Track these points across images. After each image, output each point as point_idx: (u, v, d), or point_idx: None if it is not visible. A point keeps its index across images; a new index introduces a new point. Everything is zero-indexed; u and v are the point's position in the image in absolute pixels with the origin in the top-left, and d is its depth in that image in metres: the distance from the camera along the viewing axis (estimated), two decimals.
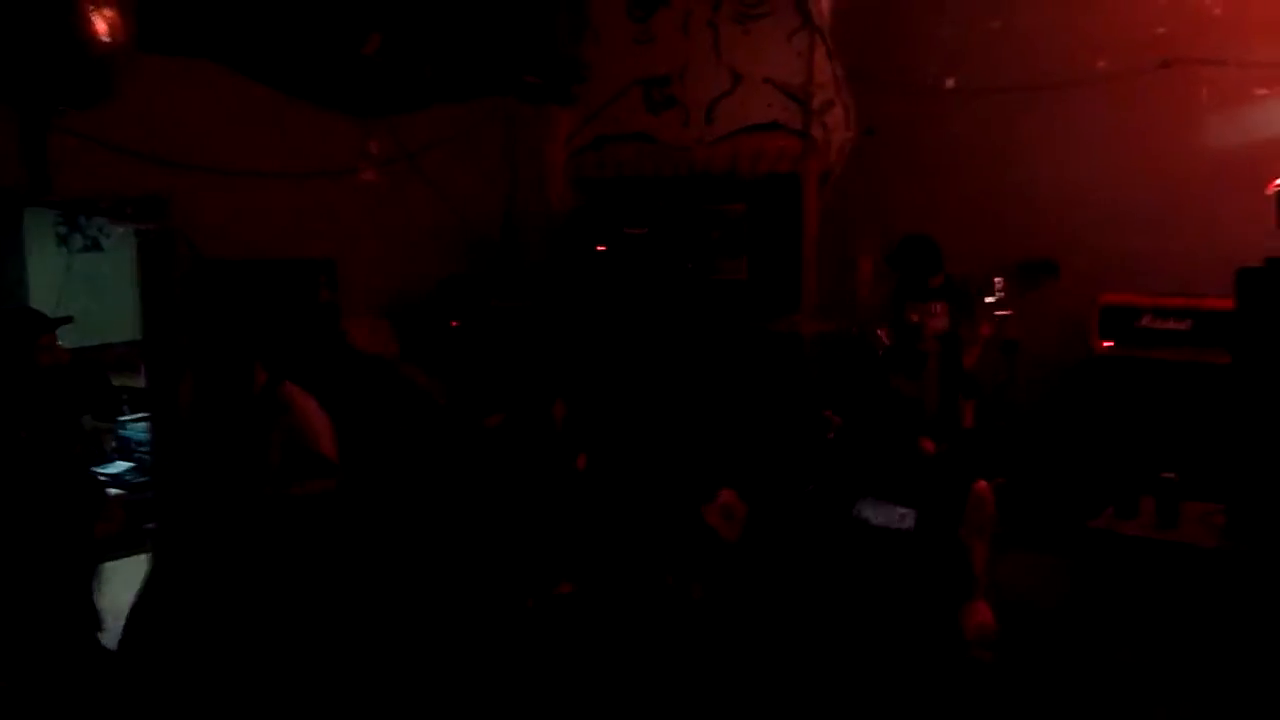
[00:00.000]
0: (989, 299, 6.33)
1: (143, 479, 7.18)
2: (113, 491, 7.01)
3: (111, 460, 7.64)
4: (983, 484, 4.02)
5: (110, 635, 4.88)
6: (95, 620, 4.82)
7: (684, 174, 8.34)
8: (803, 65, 7.82)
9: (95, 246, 8.94)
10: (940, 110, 7.30)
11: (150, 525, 6.41)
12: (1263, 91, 6.36)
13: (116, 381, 8.20)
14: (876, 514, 4.01)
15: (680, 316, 7.83)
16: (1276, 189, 5.07)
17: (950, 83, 7.28)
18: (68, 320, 5.11)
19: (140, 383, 7.03)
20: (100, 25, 4.71)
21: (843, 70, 7.71)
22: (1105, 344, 6.38)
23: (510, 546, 5.09)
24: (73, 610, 4.52)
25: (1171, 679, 4.35)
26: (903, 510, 3.89)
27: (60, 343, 5.01)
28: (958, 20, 7.25)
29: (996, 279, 6.38)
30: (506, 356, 7.01)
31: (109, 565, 6.69)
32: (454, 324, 7.12)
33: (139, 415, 7.59)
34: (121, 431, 7.76)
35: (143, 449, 7.40)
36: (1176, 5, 6.54)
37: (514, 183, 8.42)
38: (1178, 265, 6.40)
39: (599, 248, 7.98)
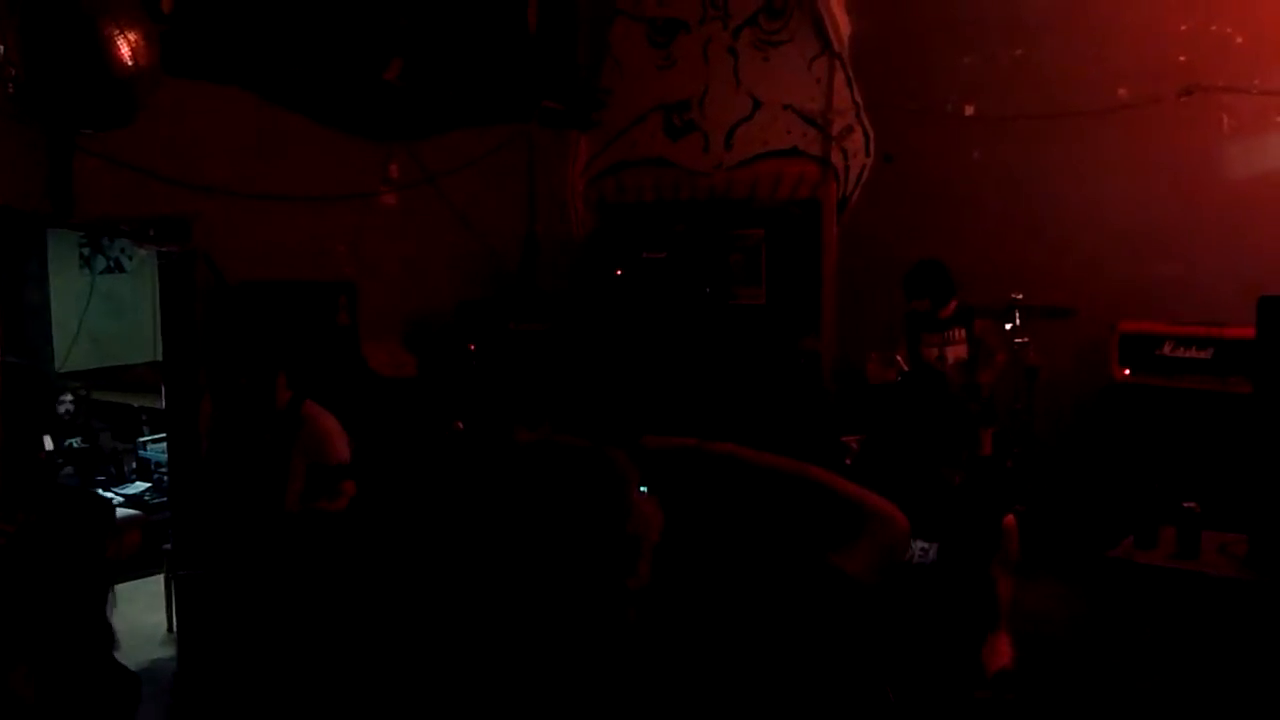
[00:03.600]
0: (1007, 325, 6.30)
1: (160, 499, 7.19)
2: (130, 512, 7.06)
3: (130, 481, 7.67)
4: (1011, 518, 3.96)
5: (125, 653, 4.89)
6: (110, 638, 4.82)
7: (703, 199, 8.36)
8: (822, 91, 7.85)
9: (118, 268, 9.03)
10: (960, 138, 7.30)
11: (167, 546, 6.43)
12: None
13: (137, 403, 8.26)
14: None
15: (699, 341, 7.82)
16: None
17: (970, 110, 7.28)
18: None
19: (160, 404, 7.06)
20: (124, 48, 4.74)
21: (862, 97, 7.73)
22: (1125, 372, 6.33)
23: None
24: (88, 628, 4.53)
25: (1191, 711, 4.30)
26: (924, 544, 3.81)
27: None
28: (978, 48, 7.25)
29: (1015, 294, 6.34)
30: (524, 379, 7.01)
31: (130, 585, 6.79)
32: (471, 347, 7.13)
33: (158, 436, 7.63)
34: (141, 452, 7.79)
35: (161, 470, 7.42)
36: (1198, 33, 6.52)
37: (534, 207, 8.45)
38: (1199, 293, 6.37)
39: (617, 272, 7.99)
